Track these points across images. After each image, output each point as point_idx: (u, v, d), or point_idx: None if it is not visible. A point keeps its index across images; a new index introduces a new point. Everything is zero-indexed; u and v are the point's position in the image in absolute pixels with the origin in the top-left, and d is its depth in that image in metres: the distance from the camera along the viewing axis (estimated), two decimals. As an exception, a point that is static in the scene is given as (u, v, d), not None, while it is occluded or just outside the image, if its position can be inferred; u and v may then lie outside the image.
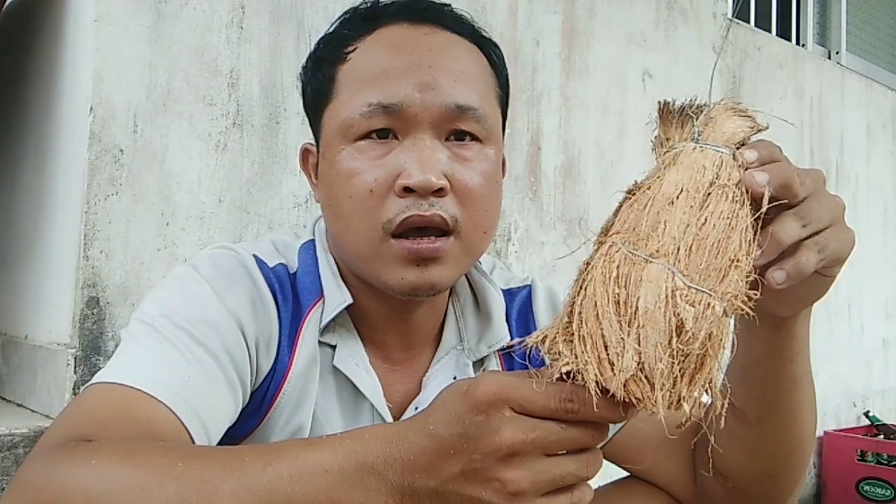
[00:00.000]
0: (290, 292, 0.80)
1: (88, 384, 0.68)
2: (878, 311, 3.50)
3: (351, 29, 0.80)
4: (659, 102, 0.63)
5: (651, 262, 0.53)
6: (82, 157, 1.40)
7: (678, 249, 0.53)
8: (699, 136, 0.60)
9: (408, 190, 0.73)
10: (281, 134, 1.63)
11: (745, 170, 0.57)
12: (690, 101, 0.63)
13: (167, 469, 0.55)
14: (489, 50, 0.83)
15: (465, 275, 0.89)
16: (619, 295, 0.52)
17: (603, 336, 0.51)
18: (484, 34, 0.84)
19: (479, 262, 0.89)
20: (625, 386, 0.49)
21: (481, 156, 0.77)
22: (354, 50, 0.78)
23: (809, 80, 3.20)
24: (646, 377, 0.49)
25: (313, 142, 0.84)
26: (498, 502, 0.52)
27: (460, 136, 0.76)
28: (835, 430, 3.15)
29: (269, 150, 1.61)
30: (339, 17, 0.84)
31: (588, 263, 0.56)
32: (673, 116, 0.63)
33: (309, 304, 0.80)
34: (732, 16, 2.86)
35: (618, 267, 0.53)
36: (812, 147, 3.19)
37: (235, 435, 0.77)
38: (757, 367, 0.72)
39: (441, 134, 0.75)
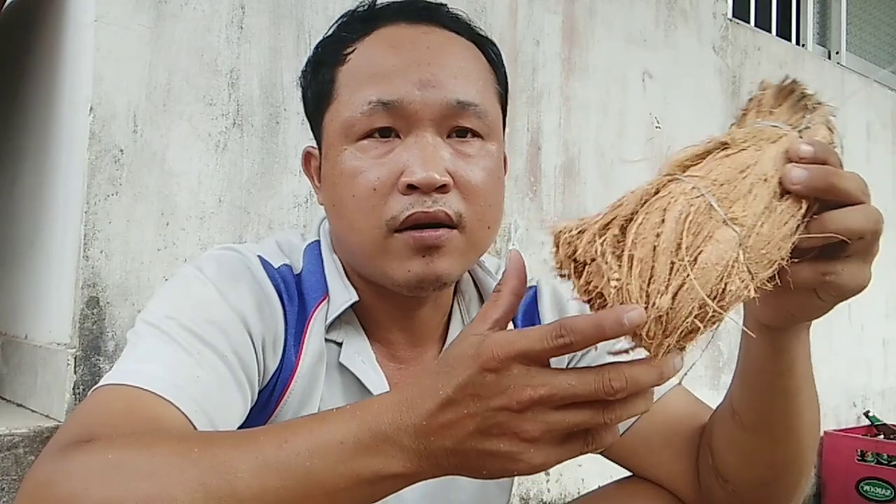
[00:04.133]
0: (296, 292, 0.81)
1: (96, 386, 0.68)
2: (878, 311, 3.49)
3: (349, 31, 0.81)
4: (787, 77, 0.64)
5: (728, 225, 0.53)
6: (82, 157, 1.39)
7: (754, 226, 0.54)
8: (804, 129, 0.61)
9: (411, 187, 0.73)
10: (281, 134, 1.63)
11: (789, 162, 0.57)
12: (812, 91, 0.64)
13: (185, 455, 0.55)
14: (487, 48, 0.83)
15: (470, 274, 0.89)
16: (684, 239, 0.52)
17: (653, 268, 0.51)
18: (481, 32, 0.84)
19: (484, 262, 0.89)
20: (647, 323, 0.50)
21: (483, 152, 0.78)
22: (353, 51, 0.79)
23: (809, 80, 3.18)
24: (666, 324, 0.50)
25: (315, 145, 0.85)
26: (516, 450, 0.54)
27: (462, 132, 0.77)
28: (835, 430, 3.15)
29: (269, 150, 1.61)
30: (337, 21, 0.84)
31: (658, 189, 0.55)
32: (794, 96, 0.63)
33: (314, 302, 0.81)
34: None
35: (696, 211, 0.53)
36: (812, 147, 3.19)
37: None
38: (750, 376, 0.73)
39: (442, 131, 0.76)
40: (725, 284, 0.51)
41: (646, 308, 0.50)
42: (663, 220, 0.52)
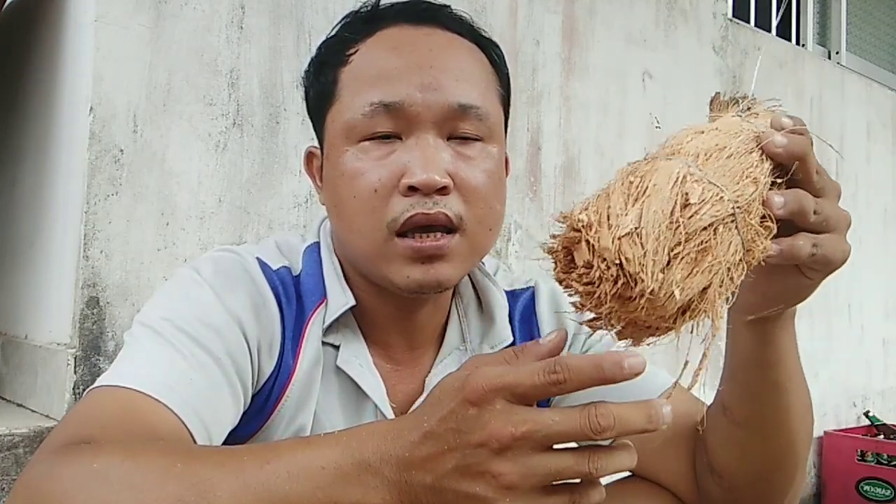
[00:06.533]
0: (294, 294, 0.80)
1: (91, 387, 0.68)
2: (878, 311, 3.49)
3: (352, 31, 0.81)
4: (713, 96, 0.67)
5: (670, 159, 0.54)
6: (82, 157, 1.40)
7: (698, 154, 0.55)
8: (742, 113, 0.63)
9: (412, 189, 0.73)
10: (281, 134, 1.63)
11: (768, 128, 0.59)
12: (742, 94, 0.66)
13: (167, 470, 0.55)
14: (489, 49, 0.83)
15: (469, 276, 0.89)
16: (632, 182, 0.53)
17: (609, 207, 0.51)
18: (483, 34, 0.84)
19: (483, 263, 0.89)
20: (619, 248, 0.50)
21: (484, 154, 0.78)
22: (356, 52, 0.79)
23: (809, 80, 3.20)
24: (641, 242, 0.50)
25: (317, 145, 0.85)
26: (492, 496, 0.51)
27: (463, 135, 0.77)
28: (835, 430, 3.15)
29: (269, 150, 1.61)
30: (340, 21, 0.84)
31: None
32: (722, 105, 0.66)
33: (312, 305, 0.80)
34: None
35: (637, 166, 0.55)
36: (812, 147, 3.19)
37: (238, 437, 0.77)
38: (738, 371, 0.74)
39: (444, 133, 0.76)
40: (687, 195, 0.51)
41: (610, 232, 0.50)
42: (608, 185, 0.55)
